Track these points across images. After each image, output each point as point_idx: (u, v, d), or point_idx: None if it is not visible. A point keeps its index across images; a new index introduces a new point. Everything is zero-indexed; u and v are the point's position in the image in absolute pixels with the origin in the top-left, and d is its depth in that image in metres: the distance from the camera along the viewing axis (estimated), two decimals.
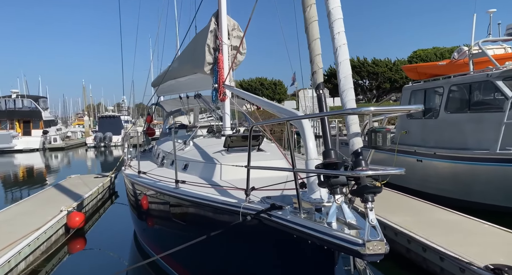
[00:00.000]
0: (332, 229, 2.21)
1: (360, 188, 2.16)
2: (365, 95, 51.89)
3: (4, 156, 25.11)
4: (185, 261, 4.30)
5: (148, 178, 4.96)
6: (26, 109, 29.95)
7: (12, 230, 5.52)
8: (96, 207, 8.79)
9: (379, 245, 2.03)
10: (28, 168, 19.70)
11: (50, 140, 28.66)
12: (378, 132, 2.19)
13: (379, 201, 7.26)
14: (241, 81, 55.04)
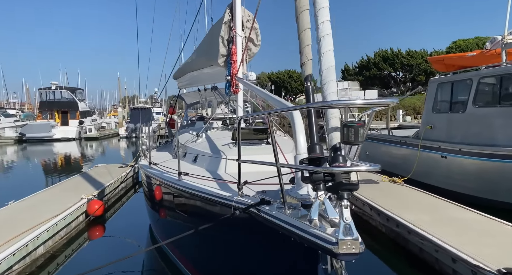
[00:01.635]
0: (309, 226, 2.15)
1: (335, 184, 2.08)
2: (398, 87, 49.97)
3: (44, 144, 26.61)
4: (186, 252, 4.37)
5: (156, 169, 5.06)
6: (64, 100, 31.51)
7: (33, 215, 5.83)
8: (119, 196, 9.10)
9: (353, 244, 1.94)
10: (64, 156, 20.77)
11: (86, 130, 30.01)
12: (350, 127, 2.08)
13: (395, 197, 7.02)
14: (269, 74, 54.63)
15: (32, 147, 25.30)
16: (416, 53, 49.34)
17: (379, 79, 51.81)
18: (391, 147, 10.06)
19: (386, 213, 5.76)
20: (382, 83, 51.99)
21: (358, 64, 54.33)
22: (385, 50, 51.56)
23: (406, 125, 23.76)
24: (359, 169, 2.05)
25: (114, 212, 8.12)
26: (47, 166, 17.43)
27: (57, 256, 5.54)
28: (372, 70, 51.55)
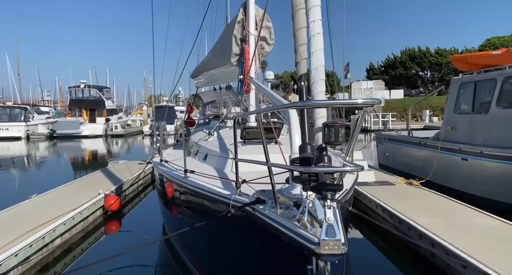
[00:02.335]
0: (296, 226, 2.15)
1: (318, 184, 2.06)
2: (426, 87, 48.47)
3: (73, 140, 27.69)
4: (189, 247, 4.46)
5: (167, 166, 5.16)
6: (92, 99, 32.64)
7: (52, 209, 6.08)
8: (137, 192, 9.34)
9: (335, 245, 1.92)
10: (90, 152, 21.52)
11: (112, 127, 30.94)
12: (330, 127, 2.05)
13: (410, 200, 6.86)
14: (292, 72, 54.33)
15: (62, 143, 26.36)
16: (445, 52, 47.68)
17: (406, 78, 50.47)
18: (411, 148, 9.79)
19: (398, 215, 5.62)
20: (409, 83, 50.62)
21: (384, 63, 53.12)
22: (412, 49, 50.13)
23: (432, 126, 23.06)
24: (341, 169, 2.03)
25: (131, 208, 8.34)
26: (73, 161, 18.13)
27: (73, 249, 5.76)
28: (398, 69, 50.24)
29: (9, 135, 27.96)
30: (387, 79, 48.99)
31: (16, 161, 17.76)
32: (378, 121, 29.04)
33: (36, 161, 18.13)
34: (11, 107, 31.07)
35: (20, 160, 18.33)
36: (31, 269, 4.81)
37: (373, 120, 31.32)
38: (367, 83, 39.04)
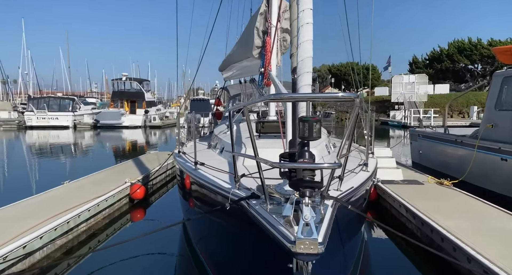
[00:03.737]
0: (278, 223, 2.09)
1: (295, 181, 1.98)
2: (476, 81, 45.42)
3: (115, 130, 29.07)
4: (199, 239, 4.53)
5: (183, 157, 5.25)
6: (133, 91, 33.97)
7: (81, 195, 6.41)
8: (164, 182, 9.61)
9: (311, 245, 1.85)
10: (129, 142, 22.48)
11: (150, 119, 32.07)
12: (305, 122, 1.95)
13: (438, 201, 6.52)
14: (330, 66, 53.11)
15: (104, 133, 27.76)
16: (499, 43, 44.29)
17: (452, 72, 47.59)
18: (446, 146, 9.23)
19: (421, 216, 5.33)
20: (456, 77, 47.73)
21: (429, 56, 50.40)
22: (461, 40, 46.99)
23: (479, 124, 21.57)
24: (318, 166, 1.93)
25: (157, 197, 8.59)
26: (113, 150, 19.09)
27: (98, 234, 6.04)
28: (445, 62, 47.44)
29: (58, 124, 29.93)
30: (431, 73, 46.53)
31: (64, 148, 18.95)
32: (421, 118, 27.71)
33: (80, 149, 19.25)
34: (60, 98, 33.14)
35: (67, 147, 19.52)
36: (56, 252, 5.11)
37: (413, 116, 29.87)
38: (409, 77, 37.25)
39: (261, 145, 4.44)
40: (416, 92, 35.79)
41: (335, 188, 2.97)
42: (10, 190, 9.79)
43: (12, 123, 32.58)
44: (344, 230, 3.18)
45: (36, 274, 4.55)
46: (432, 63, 48.79)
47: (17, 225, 4.82)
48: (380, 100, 42.14)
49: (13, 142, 23.10)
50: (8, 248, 4.15)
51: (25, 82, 56.36)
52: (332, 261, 2.82)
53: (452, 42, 47.33)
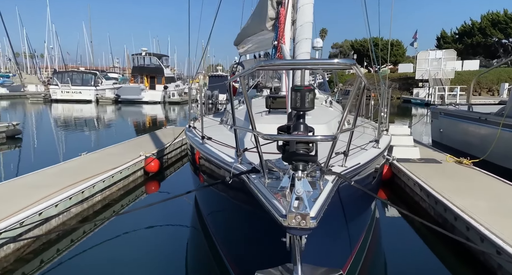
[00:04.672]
0: (272, 196, 2.04)
1: (288, 154, 1.90)
2: (508, 57, 42.96)
3: (135, 105, 29.52)
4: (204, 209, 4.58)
5: (193, 132, 5.25)
6: (152, 66, 34.09)
7: (96, 167, 6.56)
8: (179, 156, 9.72)
9: (303, 219, 1.79)
10: (149, 117, 22.81)
11: (169, 95, 32.28)
12: (297, 91, 1.84)
13: (455, 180, 6.33)
14: (353, 41, 51.28)
15: (125, 107, 28.23)
16: None
17: (484, 47, 45.12)
18: (468, 124, 8.86)
19: (435, 195, 5.19)
20: (487, 52, 45.29)
21: (459, 30, 47.83)
22: (496, 13, 44.13)
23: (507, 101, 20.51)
24: (309, 138, 1.84)
25: (172, 171, 8.71)
26: (132, 124, 19.46)
27: (113, 204, 6.22)
28: (476, 36, 44.93)
29: (81, 98, 30.68)
30: (460, 49, 44.33)
31: (86, 122, 19.45)
32: (445, 95, 26.65)
33: (102, 122, 19.70)
34: (83, 72, 33.76)
35: (89, 121, 20.01)
36: (72, 219, 5.31)
37: (437, 94, 28.75)
38: (435, 53, 35.58)
39: (270, 120, 4.36)
40: (443, 69, 34.28)
41: (339, 164, 2.88)
42: (32, 159, 10.18)
43: (38, 96, 33.62)
44: (350, 207, 3.11)
45: (53, 240, 4.75)
46: (462, 37, 46.36)
47: (34, 193, 5.00)
48: (404, 78, 40.76)
49: (40, 114, 23.85)
50: (24, 214, 4.32)
51: (51, 57, 57.72)
52: (333, 238, 2.77)
53: (486, 15, 44.56)
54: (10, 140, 12.47)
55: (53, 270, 4.10)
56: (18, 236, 4.29)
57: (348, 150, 2.92)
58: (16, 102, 32.01)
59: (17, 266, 4.14)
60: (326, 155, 2.30)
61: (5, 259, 4.15)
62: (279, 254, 2.12)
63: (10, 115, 21.56)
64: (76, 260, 4.32)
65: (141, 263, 4.22)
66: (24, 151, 11.41)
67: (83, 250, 4.54)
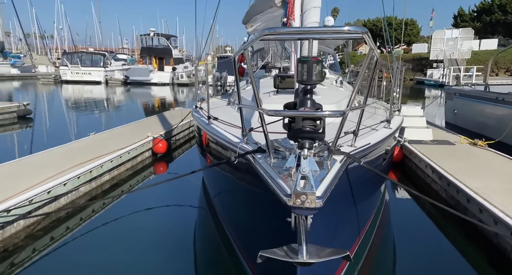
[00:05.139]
0: (277, 176, 1.95)
1: (293, 131, 1.80)
2: None
3: (144, 87, 29.46)
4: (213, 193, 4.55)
5: (199, 112, 5.17)
6: (161, 47, 33.77)
7: (104, 147, 6.56)
8: (187, 138, 9.69)
9: (309, 199, 1.71)
10: (157, 98, 22.79)
11: (178, 76, 32.09)
12: (303, 62, 1.70)
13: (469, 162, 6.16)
14: (365, 21, 49.86)
15: (134, 89, 28.22)
16: None
17: (504, 25, 43.35)
18: (484, 105, 8.59)
19: (447, 177, 5.06)
20: (507, 30, 43.53)
21: (477, 7, 46.03)
22: None
23: None
24: (316, 114, 1.72)
25: (181, 153, 8.68)
26: (140, 105, 19.50)
27: (121, 184, 6.24)
28: (496, 14, 43.16)
29: (91, 79, 30.73)
30: (478, 27, 42.79)
31: (95, 103, 19.51)
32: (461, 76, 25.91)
33: (111, 103, 19.77)
34: (92, 53, 33.71)
35: (99, 102, 20.07)
36: (80, 198, 5.34)
37: (452, 75, 27.98)
38: (451, 32, 34.41)
39: (278, 100, 4.23)
40: (459, 49, 33.22)
41: (349, 144, 2.78)
42: (42, 139, 10.27)
43: (49, 77, 33.80)
44: (359, 189, 3.02)
45: (62, 218, 4.79)
46: (480, 15, 44.65)
47: (43, 172, 5.03)
48: (418, 58, 39.73)
49: (51, 95, 24.01)
50: (33, 192, 4.35)
51: (61, 38, 57.72)
52: (340, 219, 2.69)
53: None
54: (21, 119, 12.60)
55: (63, 247, 4.15)
56: (28, 213, 4.34)
57: (358, 129, 2.80)
58: (27, 83, 32.26)
59: (28, 242, 4.20)
60: (334, 136, 2.20)
61: (15, 235, 4.21)
62: (285, 234, 2.06)
63: (22, 96, 21.80)
64: (86, 238, 4.36)
65: (150, 242, 4.25)
66: (34, 130, 11.52)
67: (92, 228, 4.58)
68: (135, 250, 4.08)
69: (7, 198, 4.11)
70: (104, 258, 3.90)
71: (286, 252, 1.90)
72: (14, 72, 36.51)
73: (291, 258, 1.86)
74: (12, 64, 38.64)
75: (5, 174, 4.99)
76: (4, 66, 36.73)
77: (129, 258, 3.90)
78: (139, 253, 4.00)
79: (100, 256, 3.95)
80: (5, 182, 4.64)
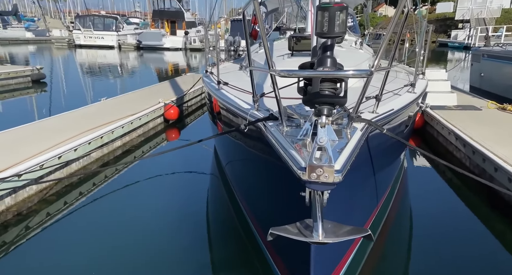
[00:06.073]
0: (290, 146, 1.74)
1: (310, 95, 1.56)
2: None
3: (157, 52, 28.98)
4: (224, 162, 4.41)
5: (210, 77, 4.93)
6: (173, 10, 32.79)
7: (116, 112, 6.45)
8: (200, 104, 9.50)
9: (326, 172, 1.50)
10: (171, 64, 22.45)
11: (191, 41, 31.35)
12: (324, 10, 1.41)
13: (497, 128, 5.78)
14: None
15: (147, 54, 27.80)
16: None
17: None
18: None
19: (473, 144, 4.76)
20: None
21: None
22: None
23: None
24: (339, 74, 1.47)
25: (193, 119, 8.51)
26: (153, 70, 19.28)
27: (133, 151, 6.18)
28: None
29: (104, 44, 30.39)
30: None
31: (109, 68, 19.35)
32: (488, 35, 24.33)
33: (124, 68, 19.58)
34: (104, 16, 33.07)
35: (112, 67, 19.90)
36: (92, 164, 5.31)
37: (479, 36, 26.37)
38: None
39: (293, 64, 3.92)
40: (488, 7, 31.05)
41: (370, 110, 2.53)
42: (54, 103, 10.21)
43: (63, 41, 33.61)
44: (378, 159, 2.80)
45: (75, 183, 4.78)
46: None
47: (54, 136, 4.97)
48: (442, 18, 37.55)
49: (66, 59, 23.93)
50: (43, 157, 4.30)
51: (73, 1, 56.71)
52: (357, 192, 2.49)
53: None
54: (35, 83, 12.61)
55: (76, 212, 4.15)
56: (39, 178, 4.32)
57: (382, 93, 2.54)
58: (42, 47, 32.18)
59: (41, 206, 4.22)
60: (354, 101, 1.94)
61: (29, 200, 4.23)
62: (299, 209, 1.88)
63: (38, 60, 21.76)
64: (98, 203, 4.35)
65: (162, 209, 4.20)
66: (47, 95, 11.51)
67: (104, 194, 4.56)
68: (148, 216, 4.04)
69: (18, 162, 4.08)
70: (116, 224, 3.88)
71: (300, 229, 1.73)
72: (29, 36, 36.34)
73: (305, 236, 1.68)
74: (27, 27, 38.39)
75: (17, 138, 4.96)
76: (19, 29, 36.59)
77: (141, 223, 3.87)
78: (151, 219, 3.96)
79: (112, 222, 3.93)
80: (16, 146, 4.61)
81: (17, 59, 21.51)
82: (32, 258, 3.31)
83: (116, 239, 3.59)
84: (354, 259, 2.84)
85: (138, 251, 3.37)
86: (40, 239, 3.62)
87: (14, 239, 3.59)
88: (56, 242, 3.57)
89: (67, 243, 3.52)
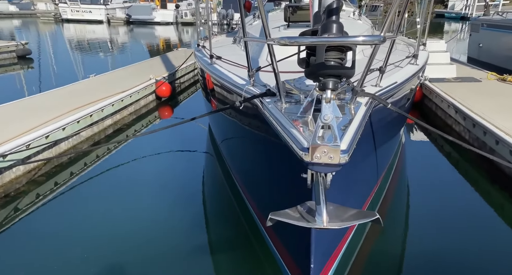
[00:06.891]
0: (291, 125, 1.59)
1: (314, 66, 1.39)
2: None
3: (147, 26, 28.14)
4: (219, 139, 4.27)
5: (202, 51, 4.71)
6: None
7: (105, 89, 6.22)
8: (193, 81, 9.23)
9: (331, 153, 1.36)
10: (162, 39, 21.79)
11: (182, 15, 30.38)
12: None
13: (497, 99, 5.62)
14: None
15: (137, 29, 26.99)
16: None
17: None
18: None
19: (473, 117, 4.65)
20: None
21: None
22: None
23: None
24: (348, 40, 1.30)
25: (186, 96, 8.28)
26: (144, 46, 18.70)
27: (125, 129, 6.00)
28: None
29: (92, 18, 29.33)
30: None
31: (97, 43, 18.71)
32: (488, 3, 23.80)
33: (114, 44, 18.98)
34: None
35: (101, 42, 19.25)
36: (82, 143, 5.14)
37: (477, 6, 25.83)
38: None
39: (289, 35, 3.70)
40: None
41: (373, 84, 2.38)
42: (41, 80, 9.87)
43: (49, 15, 32.42)
44: (379, 134, 2.67)
45: (65, 163, 4.64)
46: None
47: (41, 115, 4.79)
48: None
49: (53, 34, 23.14)
50: (30, 137, 4.13)
51: None
52: (359, 170, 2.37)
53: None
54: (21, 59, 12.19)
55: (68, 192, 4.03)
56: (26, 158, 4.16)
57: (386, 65, 2.38)
58: (27, 21, 31.08)
59: (30, 187, 4.09)
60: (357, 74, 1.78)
61: (16, 181, 4.09)
62: (300, 191, 1.76)
63: (24, 35, 21.01)
64: (90, 183, 4.22)
65: (156, 188, 4.09)
66: (34, 71, 11.12)
67: (96, 174, 4.43)
68: (142, 195, 3.93)
69: (2, 142, 3.91)
70: (109, 203, 3.77)
71: (302, 214, 1.61)
72: (12, 9, 34.99)
73: (308, 221, 1.56)
74: (10, 1, 36.90)
75: (1, 116, 4.77)
76: (2, 2, 35.17)
77: (135, 203, 3.76)
78: (146, 198, 3.86)
79: (105, 201, 3.82)
80: (0, 125, 4.42)
81: (1, 34, 20.74)
82: (22, 241, 3.20)
83: (109, 220, 3.49)
84: (354, 236, 2.78)
85: (132, 232, 3.28)
86: (30, 221, 3.52)
87: (2, 221, 3.47)
88: (48, 222, 3.47)
89: (59, 223, 3.42)
